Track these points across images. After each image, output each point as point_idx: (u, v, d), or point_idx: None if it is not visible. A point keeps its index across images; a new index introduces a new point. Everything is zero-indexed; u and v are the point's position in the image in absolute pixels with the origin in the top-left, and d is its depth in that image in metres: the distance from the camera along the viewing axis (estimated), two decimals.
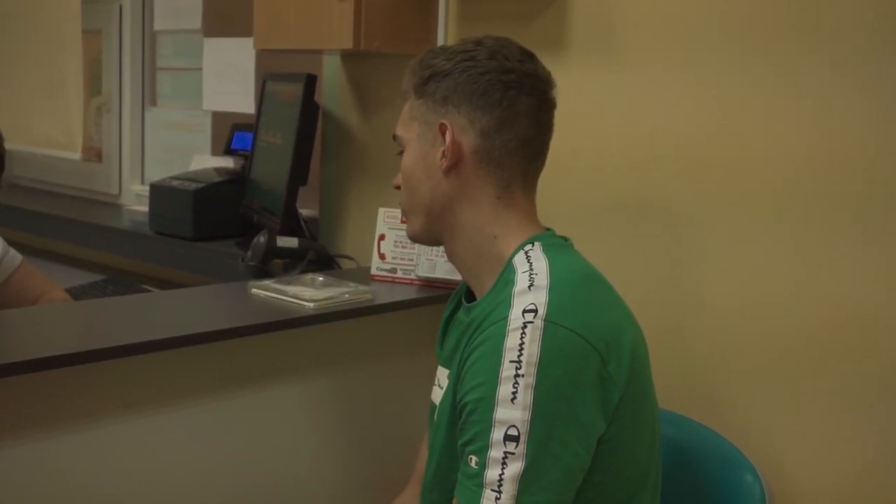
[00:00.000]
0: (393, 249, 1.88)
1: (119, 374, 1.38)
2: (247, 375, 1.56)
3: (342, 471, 1.75)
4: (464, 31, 1.96)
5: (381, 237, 1.89)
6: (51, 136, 3.09)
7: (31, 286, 2.00)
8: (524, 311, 1.06)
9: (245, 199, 2.38)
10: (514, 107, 1.18)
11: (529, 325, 1.05)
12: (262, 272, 1.97)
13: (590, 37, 1.75)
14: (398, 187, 1.27)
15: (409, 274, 1.86)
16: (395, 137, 1.26)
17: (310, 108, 2.13)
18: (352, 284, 1.73)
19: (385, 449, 1.78)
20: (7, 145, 2.08)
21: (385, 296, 1.76)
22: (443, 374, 1.27)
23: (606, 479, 1.11)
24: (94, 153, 3.17)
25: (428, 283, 1.83)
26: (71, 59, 2.96)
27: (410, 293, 1.81)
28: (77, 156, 3.02)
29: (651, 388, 1.20)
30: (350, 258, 2.14)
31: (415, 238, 1.28)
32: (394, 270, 1.87)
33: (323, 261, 2.07)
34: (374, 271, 1.88)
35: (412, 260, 1.85)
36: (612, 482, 1.12)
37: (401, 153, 1.25)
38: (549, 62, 1.26)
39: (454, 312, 1.31)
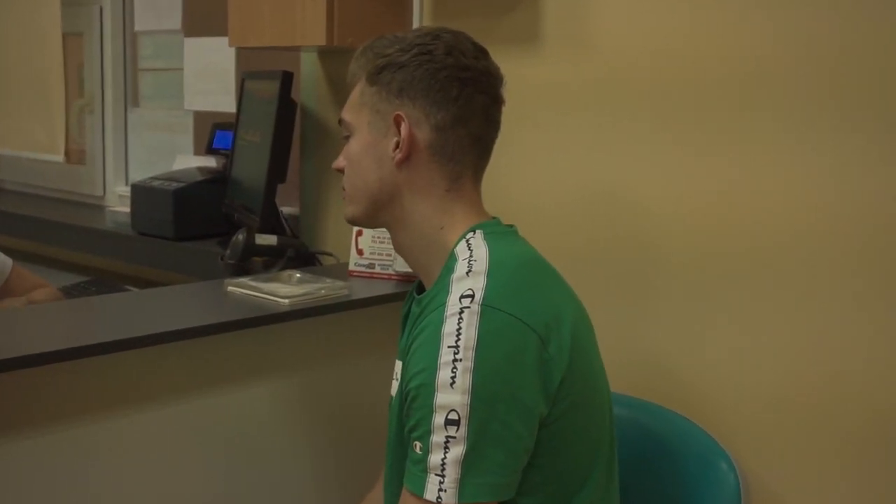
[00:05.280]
0: (371, 245, 1.88)
1: (91, 372, 1.38)
2: (221, 373, 1.56)
3: (317, 467, 1.75)
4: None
5: (359, 233, 1.88)
6: (34, 138, 3.08)
7: (24, 289, 2.01)
8: (461, 297, 1.07)
9: (226, 197, 2.38)
10: (469, 104, 1.18)
11: (466, 311, 1.06)
12: (242, 270, 1.97)
13: (563, 31, 1.75)
14: (340, 170, 1.26)
15: (387, 269, 1.86)
16: (341, 122, 1.26)
17: (286, 106, 2.13)
18: (328, 280, 1.73)
19: (361, 445, 1.78)
20: None
21: (362, 291, 1.75)
22: (399, 368, 1.27)
23: (556, 461, 1.11)
24: (77, 155, 3.17)
25: (406, 278, 1.83)
26: (52, 62, 2.95)
27: (388, 288, 1.81)
28: (60, 158, 3.02)
29: (598, 366, 1.20)
30: (330, 254, 2.14)
31: (353, 221, 1.28)
32: (371, 266, 1.87)
33: (303, 258, 2.07)
34: (351, 267, 1.88)
35: (390, 255, 1.85)
36: (561, 464, 1.12)
37: (346, 137, 1.25)
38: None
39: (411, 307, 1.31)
